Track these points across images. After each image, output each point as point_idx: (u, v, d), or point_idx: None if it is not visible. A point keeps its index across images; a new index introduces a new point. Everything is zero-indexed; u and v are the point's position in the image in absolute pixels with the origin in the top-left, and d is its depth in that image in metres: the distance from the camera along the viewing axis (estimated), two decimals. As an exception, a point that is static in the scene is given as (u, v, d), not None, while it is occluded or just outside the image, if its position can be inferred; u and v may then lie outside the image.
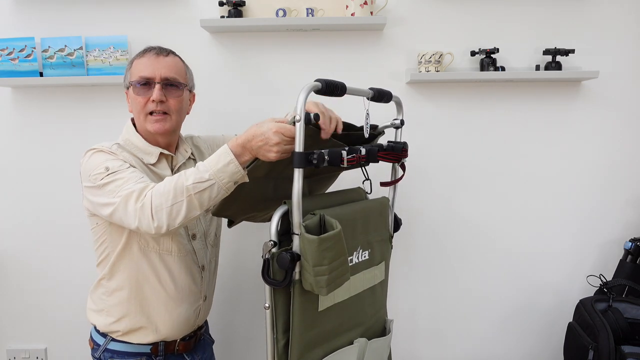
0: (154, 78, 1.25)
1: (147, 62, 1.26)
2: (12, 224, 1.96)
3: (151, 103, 1.25)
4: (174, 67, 1.29)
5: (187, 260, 1.32)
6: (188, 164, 1.38)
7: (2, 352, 2.04)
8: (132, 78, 1.27)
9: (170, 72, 1.27)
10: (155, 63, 1.26)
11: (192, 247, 1.34)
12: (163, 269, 1.29)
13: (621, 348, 1.49)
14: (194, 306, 1.35)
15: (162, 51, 1.29)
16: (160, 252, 1.28)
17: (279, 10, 1.75)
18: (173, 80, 1.27)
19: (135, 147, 1.29)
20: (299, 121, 0.99)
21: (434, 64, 1.75)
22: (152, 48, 1.29)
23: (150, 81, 1.25)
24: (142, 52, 1.29)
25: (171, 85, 1.27)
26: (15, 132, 1.90)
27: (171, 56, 1.31)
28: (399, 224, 1.45)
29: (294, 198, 1.03)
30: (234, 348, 2.02)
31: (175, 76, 1.28)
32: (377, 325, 1.36)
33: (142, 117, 1.27)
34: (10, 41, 1.75)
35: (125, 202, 1.09)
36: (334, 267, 1.03)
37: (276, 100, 1.86)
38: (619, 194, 1.91)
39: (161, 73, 1.25)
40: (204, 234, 1.39)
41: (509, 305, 1.99)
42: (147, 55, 1.27)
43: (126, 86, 1.31)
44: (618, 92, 1.85)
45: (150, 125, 1.26)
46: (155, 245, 1.27)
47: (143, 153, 1.29)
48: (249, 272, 1.97)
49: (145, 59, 1.27)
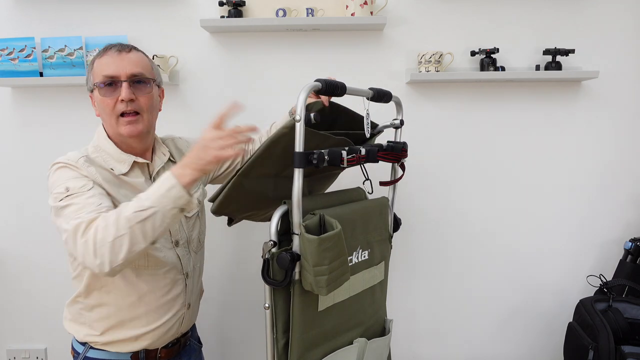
0: (119, 76, 1.15)
1: (110, 60, 1.16)
2: (12, 224, 1.96)
3: (120, 103, 1.16)
4: (139, 62, 1.19)
5: (169, 270, 1.25)
6: (168, 167, 1.27)
7: (2, 352, 2.04)
8: (95, 79, 1.18)
9: (136, 67, 1.18)
10: (119, 60, 1.16)
11: (175, 254, 1.27)
12: (142, 283, 1.21)
13: (621, 348, 1.49)
14: (177, 315, 1.29)
15: (123, 47, 1.19)
16: (137, 268, 1.20)
17: (279, 10, 1.75)
18: (140, 76, 1.18)
19: (106, 155, 1.21)
20: (299, 121, 0.99)
21: (434, 64, 1.75)
22: (113, 45, 1.20)
23: (115, 80, 1.16)
24: (102, 51, 1.20)
25: (139, 82, 1.18)
26: (15, 132, 1.90)
27: (134, 52, 1.21)
28: (398, 223, 1.45)
29: (294, 198, 1.03)
30: (233, 348, 2.02)
31: (142, 71, 1.19)
32: (376, 325, 1.36)
33: (112, 121, 1.18)
34: (10, 41, 1.75)
35: (74, 234, 1.01)
36: (334, 267, 1.03)
37: (276, 100, 1.87)
38: (619, 193, 1.91)
39: (127, 70, 1.16)
40: (187, 240, 1.31)
41: (509, 305, 1.99)
42: (108, 53, 1.18)
43: (90, 89, 1.21)
44: (618, 92, 1.85)
45: (123, 128, 1.17)
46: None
47: (115, 161, 1.20)
48: (249, 272, 1.97)
49: (107, 57, 1.17)
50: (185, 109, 1.88)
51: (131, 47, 1.21)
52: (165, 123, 1.88)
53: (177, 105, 1.88)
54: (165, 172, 1.06)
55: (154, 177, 1.25)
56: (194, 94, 1.87)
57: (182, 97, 1.87)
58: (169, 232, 1.25)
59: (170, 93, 1.87)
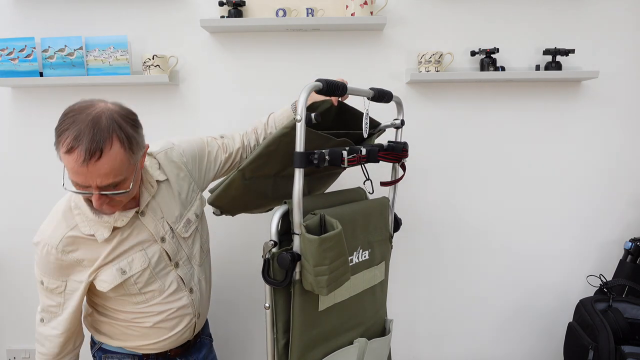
0: (89, 187, 1.02)
1: (75, 169, 0.98)
2: (12, 224, 1.96)
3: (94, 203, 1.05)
4: (110, 172, 1.00)
5: (174, 293, 1.25)
6: (158, 193, 1.22)
7: (2, 352, 2.04)
8: (65, 173, 1.04)
9: (108, 179, 1.01)
10: (86, 172, 0.98)
11: (176, 275, 1.25)
12: (147, 313, 1.23)
13: (621, 348, 1.49)
14: (187, 326, 1.30)
15: (91, 155, 0.97)
16: (138, 304, 1.22)
17: (279, 10, 1.75)
18: (113, 185, 1.03)
19: (86, 218, 1.12)
20: (300, 121, 0.99)
21: (434, 64, 1.75)
22: (77, 146, 0.96)
23: (85, 187, 1.02)
24: (67, 143, 0.97)
25: (113, 185, 1.04)
26: (15, 132, 1.90)
27: (106, 155, 0.98)
28: (399, 224, 1.45)
29: (295, 198, 1.03)
30: (233, 348, 2.02)
31: (114, 181, 1.02)
32: (377, 325, 1.36)
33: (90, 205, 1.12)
34: (10, 41, 1.75)
35: (36, 322, 1.24)
36: (335, 267, 1.03)
37: (276, 100, 1.86)
38: (619, 194, 1.91)
39: (97, 183, 1.00)
40: (188, 258, 1.29)
41: (509, 305, 1.99)
42: (74, 155, 0.97)
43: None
44: (618, 92, 1.85)
45: (102, 209, 1.09)
46: (131, 300, 1.21)
47: (95, 226, 1.13)
48: (249, 272, 1.97)
49: (72, 163, 0.98)
50: (185, 109, 1.88)
51: (102, 146, 0.98)
52: (165, 123, 1.89)
53: (177, 105, 1.87)
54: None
55: (142, 211, 1.18)
56: (193, 94, 1.87)
57: (182, 97, 1.87)
58: (167, 258, 1.23)
59: (170, 93, 1.87)
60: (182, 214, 1.26)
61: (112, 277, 1.15)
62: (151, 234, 1.19)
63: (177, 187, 1.26)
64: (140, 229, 1.18)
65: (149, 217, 1.20)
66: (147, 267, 1.19)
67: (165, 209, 1.23)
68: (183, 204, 1.27)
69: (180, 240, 1.26)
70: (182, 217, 1.26)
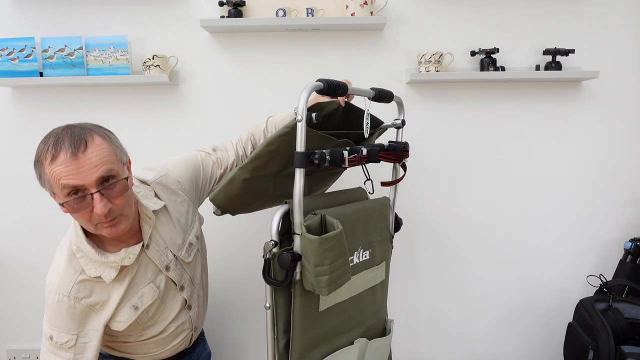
0: (85, 188, 0.97)
1: (66, 170, 0.95)
2: (12, 224, 1.95)
3: (96, 215, 1.00)
4: (101, 159, 0.98)
5: (176, 314, 1.26)
6: (158, 222, 1.20)
7: (2, 352, 2.04)
8: (55, 191, 0.99)
9: (101, 168, 0.98)
10: (78, 168, 0.95)
11: (181, 297, 1.26)
12: (149, 334, 1.24)
13: (621, 348, 1.49)
14: (185, 339, 1.32)
15: (77, 145, 0.96)
16: (146, 327, 1.22)
17: (279, 10, 1.75)
18: (109, 175, 1.00)
19: (90, 260, 1.09)
20: (300, 121, 0.99)
21: (434, 64, 1.75)
22: (61, 145, 0.95)
23: (81, 189, 0.97)
24: (50, 149, 0.96)
25: (108, 181, 1.00)
26: (15, 132, 1.90)
27: (90, 145, 0.98)
28: (399, 224, 1.45)
29: (295, 198, 1.02)
30: (234, 348, 2.02)
31: (109, 168, 1.00)
32: (377, 325, 1.36)
33: (91, 227, 1.05)
34: (10, 41, 1.75)
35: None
36: (335, 267, 1.03)
37: (276, 100, 1.86)
38: (619, 193, 1.91)
39: (92, 177, 0.97)
40: (191, 280, 1.29)
41: (509, 305, 1.99)
42: (60, 157, 0.95)
43: (49, 193, 1.03)
44: (618, 92, 1.85)
45: (106, 232, 1.04)
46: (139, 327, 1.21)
47: (101, 268, 1.10)
48: (250, 272, 1.97)
49: (61, 166, 0.95)
50: (185, 109, 1.88)
51: (85, 138, 0.98)
52: (165, 123, 1.88)
53: (177, 105, 1.87)
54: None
55: (147, 245, 1.17)
56: (193, 94, 1.87)
57: (182, 97, 1.87)
58: (173, 284, 1.24)
59: (170, 93, 1.87)
60: (184, 240, 1.26)
61: (126, 317, 1.15)
62: (156, 265, 1.19)
63: (176, 214, 1.24)
64: (147, 262, 1.18)
65: (153, 250, 1.19)
66: (157, 297, 1.20)
67: (167, 238, 1.22)
68: (183, 229, 1.26)
69: (184, 266, 1.26)
70: (184, 242, 1.26)
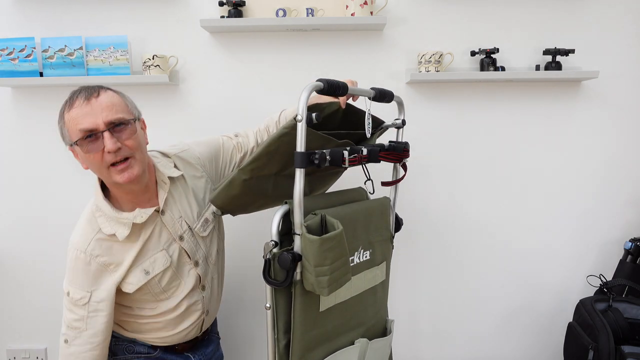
0: (97, 127, 1.08)
1: (81, 112, 1.08)
2: (12, 224, 1.95)
3: (108, 155, 1.09)
4: (112, 106, 1.11)
5: (189, 290, 1.28)
6: (174, 189, 1.26)
7: (2, 352, 2.04)
8: (72, 136, 1.10)
9: (112, 113, 1.10)
10: (90, 110, 1.08)
11: (195, 273, 1.29)
12: (162, 305, 1.26)
13: (621, 348, 1.49)
14: (196, 322, 1.33)
15: (91, 93, 1.10)
16: (159, 300, 1.25)
17: (279, 10, 1.75)
18: (119, 120, 1.11)
19: (107, 217, 1.17)
20: (301, 121, 0.99)
21: (434, 64, 1.75)
22: (78, 93, 1.11)
23: (94, 132, 1.08)
24: (68, 101, 1.11)
25: (119, 125, 1.11)
26: (15, 132, 1.90)
27: (103, 94, 1.11)
28: (400, 224, 1.45)
29: (296, 198, 1.02)
30: (235, 348, 2.02)
31: (119, 116, 1.11)
32: (378, 325, 1.36)
33: (104, 172, 1.12)
34: (10, 41, 1.75)
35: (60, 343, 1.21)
36: (336, 268, 1.03)
37: (276, 100, 1.86)
38: (619, 193, 1.91)
39: (103, 118, 1.08)
40: (205, 257, 1.32)
41: (509, 305, 1.99)
42: (76, 104, 1.09)
43: (68, 144, 1.14)
44: (618, 92, 1.85)
45: (119, 177, 1.11)
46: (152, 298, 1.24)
47: (115, 225, 1.17)
48: (251, 272, 1.97)
49: (76, 110, 1.08)
50: (185, 109, 1.88)
51: (98, 89, 1.12)
52: (165, 123, 1.88)
53: (177, 105, 1.87)
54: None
55: (162, 211, 1.23)
56: (194, 94, 1.87)
57: (182, 97, 1.87)
58: (187, 256, 1.26)
59: (170, 93, 1.87)
60: (200, 213, 1.30)
61: (137, 279, 1.19)
62: (170, 233, 1.23)
63: (193, 187, 1.30)
64: (161, 229, 1.23)
65: (168, 216, 1.24)
66: (169, 266, 1.22)
67: (183, 207, 1.27)
68: (200, 204, 1.30)
69: (198, 239, 1.29)
70: (200, 216, 1.29)
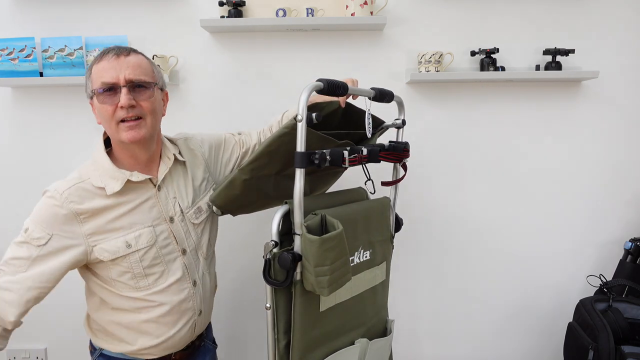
0: (117, 82, 1.11)
1: (107, 66, 1.11)
2: (12, 224, 1.95)
3: (120, 110, 1.11)
4: (137, 66, 1.14)
5: (176, 282, 1.23)
6: (174, 170, 1.27)
7: (2, 352, 2.03)
8: (94, 85, 1.13)
9: (135, 72, 1.13)
10: (117, 65, 1.11)
11: (182, 263, 1.24)
12: (148, 300, 1.21)
13: (621, 348, 1.49)
14: (188, 324, 1.27)
15: (121, 51, 1.14)
16: (140, 289, 1.19)
17: (279, 10, 1.75)
18: (140, 81, 1.13)
19: (102, 170, 1.16)
20: (301, 121, 0.99)
21: (434, 64, 1.75)
22: (111, 49, 1.15)
23: (114, 86, 1.11)
24: (100, 55, 1.15)
25: (139, 86, 1.13)
26: (15, 132, 1.90)
27: (133, 55, 1.15)
28: (400, 224, 1.45)
29: (296, 198, 1.02)
30: (234, 349, 2.02)
31: (141, 77, 1.14)
32: (378, 325, 1.36)
33: (113, 127, 1.13)
34: (10, 41, 1.75)
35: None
36: (336, 268, 1.03)
37: (276, 100, 1.86)
38: (619, 193, 1.91)
39: (125, 75, 1.11)
40: (195, 247, 1.29)
41: (510, 305, 1.99)
42: (105, 58, 1.13)
43: (89, 96, 1.16)
44: (618, 92, 1.85)
45: (124, 134, 1.12)
46: (132, 283, 1.18)
47: (109, 178, 1.15)
48: (251, 272, 1.97)
49: (104, 63, 1.12)
50: (185, 109, 1.88)
51: (130, 50, 1.16)
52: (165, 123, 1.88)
53: (177, 105, 1.87)
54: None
55: (159, 186, 1.22)
56: (194, 94, 1.87)
57: (182, 97, 1.87)
58: (174, 241, 1.23)
59: (170, 93, 1.87)
60: (194, 201, 1.28)
61: (115, 248, 1.14)
62: (161, 211, 1.21)
63: (192, 173, 1.30)
64: (154, 204, 1.20)
65: (163, 194, 1.23)
66: (153, 244, 1.18)
67: (179, 190, 1.26)
68: (196, 192, 1.29)
69: (189, 226, 1.26)
70: (194, 203, 1.28)
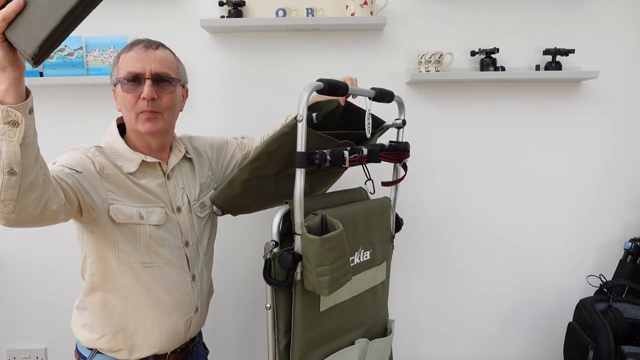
0: (143, 73, 1.15)
1: (135, 56, 1.15)
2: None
3: (142, 101, 1.15)
4: (164, 61, 1.18)
5: (177, 271, 1.24)
6: (183, 164, 1.30)
7: (2, 352, 2.04)
8: (119, 74, 1.17)
9: (161, 66, 1.17)
10: (145, 57, 1.15)
11: (184, 254, 1.25)
12: (148, 284, 1.20)
13: (621, 348, 1.49)
14: (184, 318, 1.26)
15: (151, 44, 1.18)
16: (144, 264, 1.18)
17: (279, 10, 1.75)
18: (165, 75, 1.17)
19: (115, 152, 1.19)
20: (301, 121, 0.99)
21: (434, 64, 1.75)
22: (141, 41, 1.19)
23: (139, 77, 1.15)
24: (129, 45, 1.19)
25: (163, 80, 1.17)
26: (14, 132, 1.90)
27: (161, 49, 1.20)
28: (400, 224, 1.45)
29: (296, 198, 1.03)
30: (234, 349, 2.02)
31: (166, 71, 1.18)
32: (378, 325, 1.36)
33: (132, 117, 1.17)
34: (10, 41, 1.75)
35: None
36: (336, 268, 1.03)
37: (276, 100, 1.86)
38: (619, 193, 1.91)
39: (151, 68, 1.15)
40: (197, 241, 1.30)
41: (510, 305, 1.99)
42: (135, 48, 1.17)
43: (113, 83, 1.21)
44: (618, 92, 1.85)
45: (141, 125, 1.16)
46: (137, 256, 1.17)
47: (123, 159, 1.19)
48: (251, 272, 1.97)
49: (133, 53, 1.16)
50: (185, 109, 1.87)
51: (159, 44, 1.20)
52: (166, 123, 1.88)
53: (177, 105, 1.87)
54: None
55: (168, 175, 1.25)
56: (193, 94, 1.87)
57: (182, 97, 1.87)
58: (179, 231, 1.23)
59: (171, 93, 1.87)
60: (199, 196, 1.31)
61: (130, 214, 1.16)
62: (170, 200, 1.23)
63: (198, 170, 1.33)
64: (163, 192, 1.23)
65: (172, 184, 1.26)
66: (162, 224, 1.20)
67: (187, 182, 1.29)
68: (201, 187, 1.32)
69: (194, 219, 1.29)
70: (199, 198, 1.31)
